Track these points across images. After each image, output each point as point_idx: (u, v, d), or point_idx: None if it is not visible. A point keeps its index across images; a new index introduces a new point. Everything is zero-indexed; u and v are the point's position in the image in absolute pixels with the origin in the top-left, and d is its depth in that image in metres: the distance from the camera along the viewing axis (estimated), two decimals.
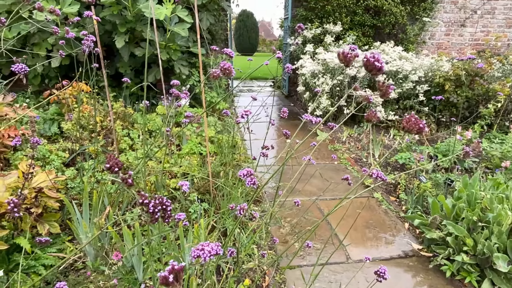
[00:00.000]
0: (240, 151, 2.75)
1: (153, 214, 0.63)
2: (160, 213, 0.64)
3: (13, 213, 0.66)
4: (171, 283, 0.42)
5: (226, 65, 0.89)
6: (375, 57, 0.48)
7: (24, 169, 1.67)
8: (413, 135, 3.45)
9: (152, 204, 0.62)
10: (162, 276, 0.43)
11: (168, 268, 0.43)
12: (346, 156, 3.25)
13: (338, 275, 1.71)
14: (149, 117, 3.30)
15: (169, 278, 0.42)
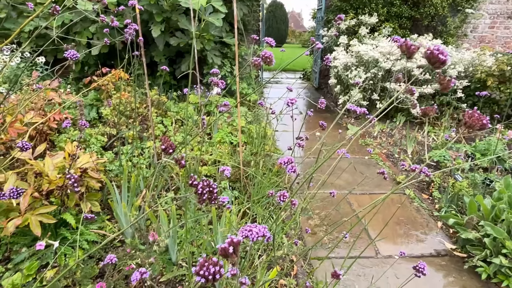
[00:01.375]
0: (270, 142, 2.76)
1: (201, 195, 0.66)
2: (207, 194, 0.67)
3: (73, 187, 0.71)
4: (230, 254, 0.45)
5: (267, 53, 0.90)
6: (439, 50, 0.47)
7: (70, 150, 1.78)
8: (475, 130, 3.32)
9: (200, 186, 0.65)
10: (222, 248, 0.45)
11: (227, 241, 0.45)
12: (377, 151, 3.18)
13: (366, 269, 1.70)
14: (181, 106, 3.39)
15: (229, 249, 0.44)
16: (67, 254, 1.49)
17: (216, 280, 0.43)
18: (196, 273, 0.43)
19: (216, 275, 0.42)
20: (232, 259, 0.45)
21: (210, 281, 0.42)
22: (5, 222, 1.45)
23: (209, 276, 0.42)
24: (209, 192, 0.66)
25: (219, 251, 0.45)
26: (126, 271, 1.37)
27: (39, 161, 1.67)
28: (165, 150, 0.58)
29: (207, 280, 0.42)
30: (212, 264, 0.43)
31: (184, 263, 1.54)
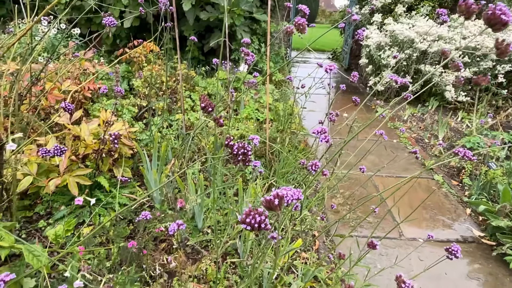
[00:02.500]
0: (296, 120, 2.75)
1: (236, 156, 0.67)
2: (242, 156, 0.68)
3: (113, 144, 0.75)
4: (275, 206, 0.45)
5: (301, 20, 0.88)
6: (501, 10, 0.45)
7: (104, 118, 1.85)
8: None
9: (236, 147, 0.66)
10: (267, 200, 0.46)
11: (273, 193, 0.46)
12: (407, 135, 3.09)
13: (389, 249, 1.69)
14: (209, 81, 3.41)
15: (274, 202, 0.45)
16: (101, 214, 1.59)
17: (261, 229, 0.44)
18: (242, 221, 0.44)
19: (262, 224, 0.44)
20: (276, 211, 0.46)
21: (255, 229, 0.44)
22: (46, 181, 1.55)
23: (255, 224, 0.43)
24: (243, 154, 0.68)
25: (264, 203, 0.46)
26: (155, 233, 1.44)
27: (75, 126, 1.76)
28: (205, 108, 0.59)
29: (253, 229, 0.44)
30: (258, 214, 0.44)
31: (209, 230, 1.59)
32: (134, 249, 1.24)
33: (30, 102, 1.66)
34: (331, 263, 1.51)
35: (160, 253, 1.37)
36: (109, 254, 1.38)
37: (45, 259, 0.98)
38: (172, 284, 1.20)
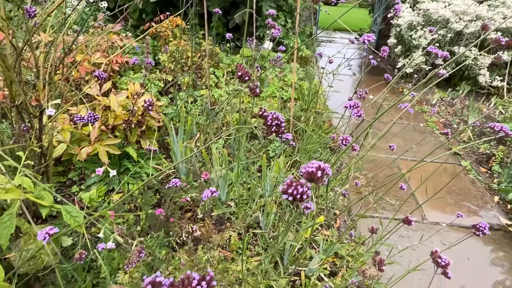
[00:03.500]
0: (321, 100, 2.71)
1: (270, 127, 0.68)
2: (275, 127, 0.68)
3: (147, 110, 0.77)
4: (317, 178, 0.45)
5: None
6: None
7: (132, 90, 1.89)
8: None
9: (270, 117, 0.67)
10: (308, 171, 0.46)
11: (315, 166, 0.46)
12: (434, 119, 2.99)
13: (410, 231, 1.69)
14: (233, 58, 3.38)
15: (317, 174, 0.45)
16: (130, 183, 1.65)
17: (303, 200, 0.44)
18: (284, 191, 0.45)
19: (304, 195, 0.44)
20: (318, 184, 0.46)
21: (297, 200, 0.44)
22: (78, 149, 1.62)
23: (297, 195, 0.44)
24: (277, 125, 0.68)
25: (304, 174, 0.46)
26: (181, 203, 1.49)
27: (105, 98, 1.80)
28: (241, 77, 0.59)
29: (294, 199, 0.44)
30: (300, 185, 0.44)
31: (232, 203, 1.63)
32: (161, 216, 1.29)
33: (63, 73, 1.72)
34: (352, 241, 1.52)
35: (185, 222, 1.42)
36: (138, 221, 1.44)
37: (82, 219, 1.04)
38: (197, 251, 1.25)
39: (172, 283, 0.33)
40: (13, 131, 1.18)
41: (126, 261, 0.78)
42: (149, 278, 0.33)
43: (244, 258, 1.27)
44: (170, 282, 0.33)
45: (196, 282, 0.33)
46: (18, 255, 1.00)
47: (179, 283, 0.33)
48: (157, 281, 0.32)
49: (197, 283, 0.33)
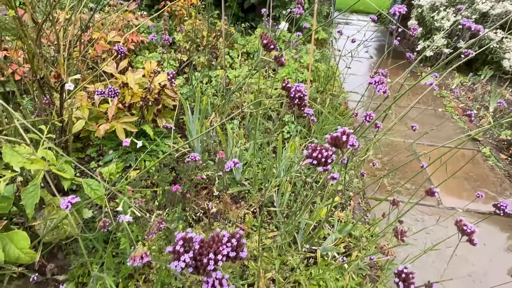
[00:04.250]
0: (337, 82, 2.66)
1: (293, 99, 0.67)
2: (298, 100, 0.68)
3: (170, 82, 0.77)
4: (342, 143, 0.45)
5: None
6: None
7: (149, 68, 1.89)
8: None
9: (293, 89, 0.66)
10: (333, 136, 0.45)
11: (339, 130, 0.45)
12: (454, 104, 2.91)
13: (425, 216, 1.67)
14: (248, 38, 3.34)
15: (342, 138, 0.45)
16: (146, 160, 1.67)
17: (328, 164, 0.44)
18: (309, 155, 0.44)
19: (328, 159, 0.44)
20: (342, 149, 0.46)
21: (322, 164, 0.44)
22: (96, 126, 1.64)
23: (322, 158, 0.43)
24: (299, 98, 0.67)
25: (329, 139, 0.46)
26: (196, 180, 1.51)
27: (122, 75, 1.81)
28: (266, 45, 0.58)
29: (319, 163, 0.44)
30: (324, 149, 0.44)
31: (246, 183, 1.64)
32: (178, 192, 1.31)
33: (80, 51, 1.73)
34: (366, 223, 1.52)
35: (201, 199, 1.45)
36: (154, 197, 1.47)
37: (102, 192, 1.06)
38: (212, 227, 1.27)
39: (202, 240, 0.33)
40: (35, 105, 1.20)
41: (146, 232, 0.80)
42: (180, 234, 0.33)
43: (259, 235, 1.29)
44: (201, 239, 0.33)
45: (226, 239, 0.33)
46: (43, 224, 1.04)
47: (209, 240, 0.33)
48: (189, 237, 0.33)
49: (227, 240, 0.33)
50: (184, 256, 0.32)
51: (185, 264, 0.32)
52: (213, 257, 0.32)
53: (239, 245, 0.34)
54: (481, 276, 1.38)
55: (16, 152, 0.85)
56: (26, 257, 0.99)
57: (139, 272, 1.08)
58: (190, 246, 0.32)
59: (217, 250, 0.32)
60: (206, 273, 0.32)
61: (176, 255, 0.32)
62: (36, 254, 1.01)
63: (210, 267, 0.31)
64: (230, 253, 0.33)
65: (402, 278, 0.44)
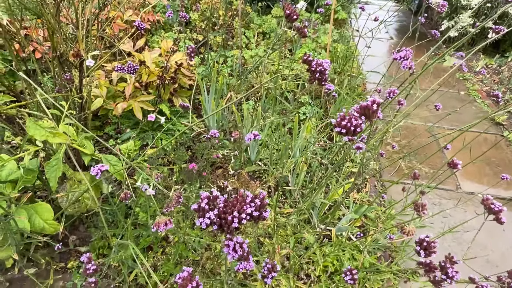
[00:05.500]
0: (355, 63, 2.59)
1: (314, 73, 0.65)
2: (318, 74, 0.66)
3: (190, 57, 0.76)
4: (372, 113, 0.43)
5: None
6: None
7: (165, 47, 1.88)
8: None
9: (314, 63, 0.64)
10: (363, 105, 0.44)
11: (369, 100, 0.44)
12: (477, 87, 2.80)
13: (443, 200, 1.64)
14: (264, 18, 3.27)
15: (372, 107, 0.43)
16: (163, 138, 1.69)
17: (356, 133, 0.43)
18: (338, 124, 0.43)
19: (357, 128, 0.43)
20: (372, 119, 0.44)
21: (350, 133, 0.43)
22: (114, 104, 1.66)
23: (351, 128, 0.42)
24: (320, 72, 0.66)
25: (359, 109, 0.44)
26: (212, 159, 1.52)
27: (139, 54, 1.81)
28: (289, 15, 0.56)
29: (347, 132, 0.43)
30: (354, 118, 0.43)
31: (261, 163, 1.65)
32: (194, 170, 1.33)
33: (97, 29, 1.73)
34: (382, 205, 1.51)
35: (216, 178, 1.46)
36: (171, 174, 1.49)
37: (120, 167, 1.09)
38: None
39: (226, 200, 0.33)
40: (55, 82, 1.22)
41: (165, 205, 0.82)
42: (205, 193, 0.34)
43: (274, 213, 1.30)
44: (225, 199, 0.33)
45: (250, 199, 0.33)
46: (65, 197, 1.07)
47: (233, 199, 0.34)
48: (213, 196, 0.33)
49: (250, 200, 0.33)
50: (209, 213, 0.32)
51: (210, 221, 0.32)
52: (237, 215, 0.32)
53: (262, 205, 0.34)
54: (498, 262, 1.36)
55: (39, 126, 0.87)
56: (50, 228, 1.03)
57: (158, 244, 1.11)
58: (214, 204, 0.33)
59: (241, 209, 0.32)
60: (230, 231, 0.32)
61: (201, 212, 0.32)
62: (59, 225, 1.05)
63: (234, 224, 0.32)
64: (254, 212, 0.33)
65: (424, 247, 0.44)
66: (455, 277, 0.43)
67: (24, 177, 0.99)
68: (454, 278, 0.43)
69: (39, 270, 1.13)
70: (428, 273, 0.42)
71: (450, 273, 0.43)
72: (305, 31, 0.59)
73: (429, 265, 0.42)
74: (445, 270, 0.43)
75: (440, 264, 0.44)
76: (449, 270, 0.43)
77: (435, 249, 0.44)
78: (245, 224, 0.34)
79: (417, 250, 0.44)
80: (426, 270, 0.43)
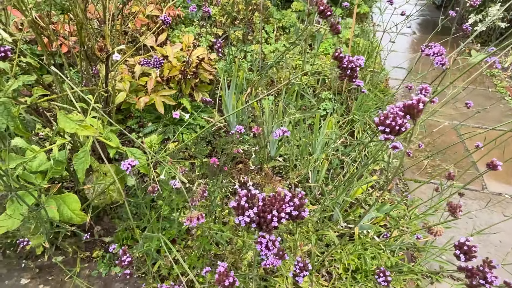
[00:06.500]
0: (377, 59, 2.54)
1: (345, 70, 0.64)
2: (349, 71, 0.65)
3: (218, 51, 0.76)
4: (417, 112, 0.42)
5: None
6: None
7: (187, 42, 1.89)
8: None
9: (346, 60, 0.63)
10: (407, 104, 0.43)
11: (415, 98, 0.43)
12: (505, 84, 2.69)
13: (468, 200, 1.60)
14: (284, 12, 3.23)
15: (418, 106, 0.42)
16: (184, 133, 1.71)
17: (400, 132, 0.42)
18: (381, 123, 0.42)
19: (402, 128, 0.41)
20: (415, 119, 0.43)
21: (394, 132, 0.42)
22: (136, 98, 1.69)
23: (396, 126, 0.41)
24: (351, 69, 0.64)
25: (402, 108, 0.43)
26: (233, 154, 1.52)
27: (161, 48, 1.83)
28: (322, 12, 0.55)
29: (391, 131, 0.42)
30: (399, 116, 0.42)
31: (281, 159, 1.64)
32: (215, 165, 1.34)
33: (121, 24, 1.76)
34: (404, 204, 1.48)
35: (237, 173, 1.47)
36: (192, 168, 1.51)
37: (144, 160, 1.10)
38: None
39: (264, 198, 0.33)
40: (82, 76, 1.25)
41: (190, 199, 0.83)
42: (243, 191, 0.34)
43: None
44: (263, 197, 0.33)
45: (289, 198, 0.33)
46: (92, 189, 1.10)
47: (272, 198, 0.33)
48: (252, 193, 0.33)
49: (289, 199, 0.33)
50: (249, 212, 0.32)
51: (250, 219, 0.32)
52: (276, 214, 0.32)
53: (301, 204, 0.33)
54: None
55: (69, 119, 0.90)
56: (78, 218, 1.06)
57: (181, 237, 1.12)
58: (253, 202, 0.33)
59: (280, 208, 0.32)
60: (268, 230, 0.32)
61: (240, 210, 0.32)
62: (86, 216, 1.08)
63: (274, 223, 0.31)
64: (293, 211, 0.32)
65: (464, 251, 0.42)
66: (494, 282, 0.42)
67: (54, 168, 1.02)
68: (493, 283, 0.41)
69: (66, 258, 1.17)
70: (469, 279, 0.41)
71: (489, 278, 0.41)
72: (339, 27, 0.58)
73: (471, 270, 0.41)
74: (483, 275, 0.41)
75: (478, 268, 0.43)
76: (488, 275, 0.41)
77: (475, 254, 0.43)
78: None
79: (457, 254, 0.43)
80: (467, 276, 0.41)
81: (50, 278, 1.11)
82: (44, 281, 1.10)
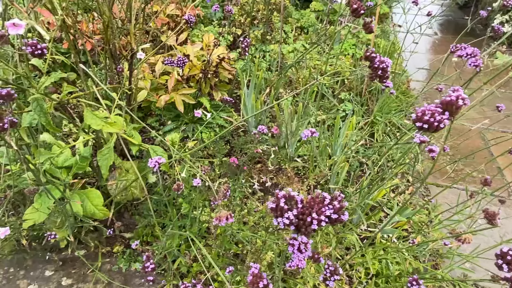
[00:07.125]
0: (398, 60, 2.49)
1: (376, 70, 0.63)
2: (381, 71, 0.63)
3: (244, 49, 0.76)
4: (455, 109, 0.41)
5: None
6: None
7: (207, 41, 1.91)
8: None
9: (377, 60, 0.62)
10: (445, 101, 0.41)
11: (453, 95, 0.41)
12: None
13: (492, 206, 1.54)
14: (302, 12, 3.21)
15: (458, 102, 0.40)
16: (203, 132, 1.72)
17: (439, 129, 0.41)
18: (418, 119, 0.41)
19: (441, 124, 0.40)
20: (452, 116, 0.42)
21: (432, 128, 0.41)
22: (157, 96, 1.71)
23: (435, 123, 0.40)
24: (382, 70, 0.63)
25: (441, 104, 0.42)
26: (252, 154, 1.52)
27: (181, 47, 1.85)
28: (356, 10, 0.54)
29: (429, 127, 0.41)
30: (437, 112, 0.41)
31: (299, 159, 1.63)
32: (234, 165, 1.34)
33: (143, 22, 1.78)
34: (425, 209, 1.44)
35: (255, 173, 1.46)
36: (211, 167, 1.51)
37: (166, 158, 1.11)
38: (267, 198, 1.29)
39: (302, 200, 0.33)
40: (106, 74, 1.27)
41: (212, 198, 0.83)
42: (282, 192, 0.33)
43: None
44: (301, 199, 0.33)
45: (328, 200, 0.33)
46: (114, 185, 1.12)
47: (310, 200, 0.33)
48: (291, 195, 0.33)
49: (329, 202, 0.33)
50: (288, 214, 0.32)
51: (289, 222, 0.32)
52: (316, 217, 0.31)
53: (341, 207, 0.33)
54: None
55: (96, 115, 0.91)
56: (100, 213, 1.08)
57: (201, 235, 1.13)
58: (292, 204, 0.32)
59: (319, 211, 0.32)
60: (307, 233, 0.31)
61: (279, 212, 0.32)
62: (108, 211, 1.10)
63: (313, 226, 0.31)
64: (332, 214, 0.32)
65: (507, 260, 0.41)
66: None
67: (79, 163, 1.05)
68: None
69: (88, 252, 1.19)
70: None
71: None
72: (372, 26, 0.56)
73: None
74: None
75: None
76: None
77: None
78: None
79: (499, 264, 0.41)
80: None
81: (73, 271, 1.13)
82: (67, 274, 1.13)
